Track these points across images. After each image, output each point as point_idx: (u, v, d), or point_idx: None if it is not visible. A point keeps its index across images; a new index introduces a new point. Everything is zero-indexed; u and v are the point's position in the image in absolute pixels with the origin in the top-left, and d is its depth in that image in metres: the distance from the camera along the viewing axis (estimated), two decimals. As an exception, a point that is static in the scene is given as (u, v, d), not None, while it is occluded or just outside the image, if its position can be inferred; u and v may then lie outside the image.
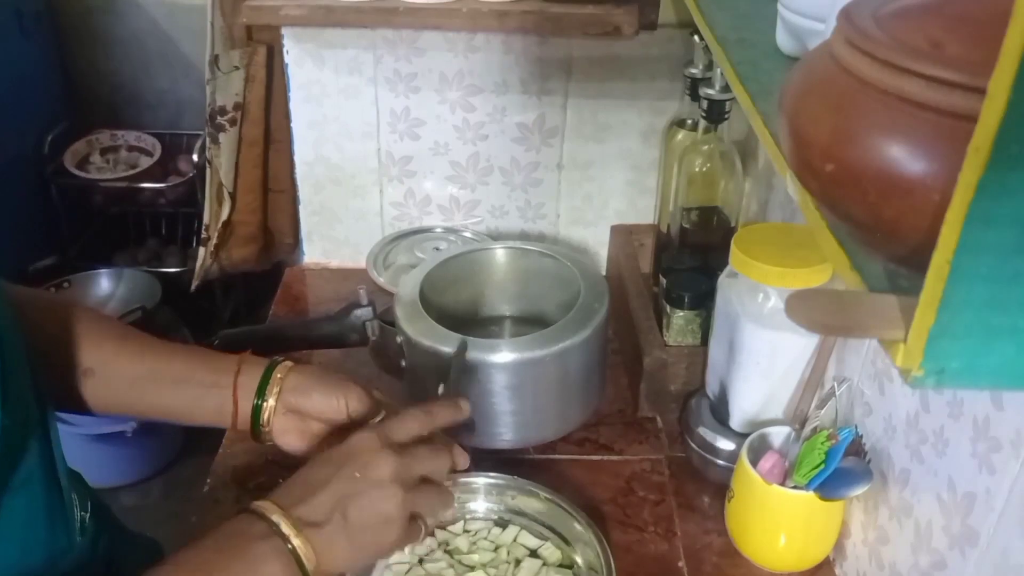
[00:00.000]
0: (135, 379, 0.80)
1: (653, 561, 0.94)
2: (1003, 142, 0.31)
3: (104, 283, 2.13)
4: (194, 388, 0.81)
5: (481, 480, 0.96)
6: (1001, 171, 0.31)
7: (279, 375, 0.81)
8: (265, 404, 0.80)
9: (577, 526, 0.90)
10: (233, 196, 1.65)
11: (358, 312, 1.06)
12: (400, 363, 1.04)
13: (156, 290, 2.07)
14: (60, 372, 0.78)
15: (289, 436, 0.82)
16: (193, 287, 1.80)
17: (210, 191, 1.64)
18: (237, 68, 1.54)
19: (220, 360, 0.82)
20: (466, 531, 0.95)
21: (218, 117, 1.58)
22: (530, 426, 1.04)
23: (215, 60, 1.53)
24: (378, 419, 0.80)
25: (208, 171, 1.63)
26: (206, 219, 1.67)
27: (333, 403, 0.80)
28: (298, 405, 0.81)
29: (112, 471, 2.05)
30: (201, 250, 1.72)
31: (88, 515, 0.76)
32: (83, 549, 0.75)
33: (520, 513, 0.95)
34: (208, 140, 1.60)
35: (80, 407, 0.79)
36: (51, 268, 2.19)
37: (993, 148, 0.31)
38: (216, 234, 1.68)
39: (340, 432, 0.80)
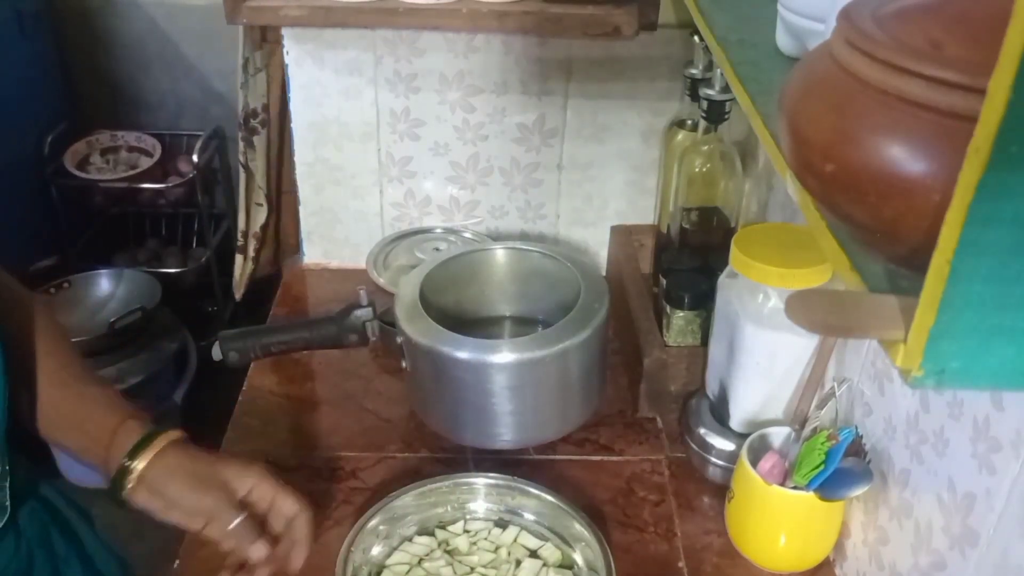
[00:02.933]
0: (44, 409, 0.80)
1: (653, 561, 0.94)
2: (1003, 142, 0.31)
3: (104, 283, 2.13)
4: (80, 437, 0.80)
5: (480, 481, 0.96)
6: (1001, 171, 0.31)
7: (155, 448, 0.78)
8: (130, 468, 0.77)
9: (577, 526, 0.90)
10: (270, 200, 1.64)
11: (358, 312, 1.06)
12: (400, 363, 1.04)
13: (156, 290, 2.07)
14: (14, 377, 0.78)
15: (158, 514, 0.79)
16: (239, 296, 1.77)
17: (245, 196, 1.63)
18: (260, 70, 1.54)
19: (111, 412, 0.80)
20: (466, 531, 0.95)
21: (251, 120, 1.57)
22: (530, 426, 1.04)
23: (246, 63, 1.52)
24: (231, 525, 0.78)
25: (243, 176, 1.61)
26: (241, 226, 1.66)
27: (189, 499, 0.78)
28: (161, 486, 0.78)
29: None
30: (239, 258, 1.69)
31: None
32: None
33: (520, 513, 0.95)
34: (243, 144, 1.58)
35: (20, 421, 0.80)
36: (51, 268, 2.18)
37: (993, 148, 0.31)
38: (256, 239, 1.66)
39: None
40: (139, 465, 0.77)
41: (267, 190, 1.63)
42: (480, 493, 0.96)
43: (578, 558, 0.91)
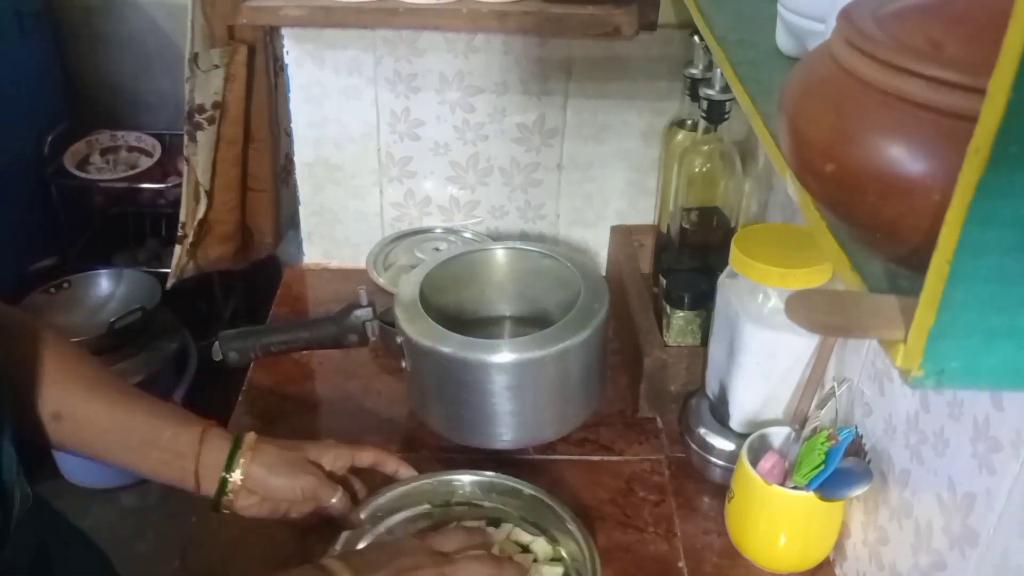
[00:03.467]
0: (103, 431, 0.81)
1: (653, 561, 0.94)
2: (1003, 142, 0.31)
3: (104, 283, 2.13)
4: (159, 453, 0.82)
5: (467, 478, 0.96)
6: (1001, 171, 0.31)
7: (247, 454, 0.84)
8: (231, 480, 0.84)
9: (560, 521, 0.90)
10: (210, 194, 1.64)
11: (358, 312, 1.06)
12: (400, 363, 1.04)
13: (156, 290, 2.07)
14: (24, 401, 0.77)
15: (251, 510, 0.86)
16: (169, 285, 1.81)
17: (187, 189, 1.64)
18: (217, 67, 1.54)
19: (185, 425, 0.84)
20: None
21: (196, 115, 1.58)
22: (530, 426, 1.04)
23: (195, 58, 1.53)
24: (335, 498, 0.87)
25: (186, 169, 1.63)
26: (183, 217, 1.67)
27: (291, 487, 0.86)
28: (260, 485, 0.85)
29: (112, 472, 2.05)
30: (177, 248, 1.71)
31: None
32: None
33: (507, 510, 0.95)
34: (186, 138, 1.60)
35: (45, 443, 0.80)
36: (51, 268, 2.19)
37: (993, 148, 0.31)
38: (192, 232, 1.67)
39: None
40: (237, 475, 0.84)
41: (208, 186, 1.63)
42: (467, 491, 0.96)
43: (563, 551, 0.91)
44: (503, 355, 0.97)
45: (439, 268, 1.10)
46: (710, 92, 1.04)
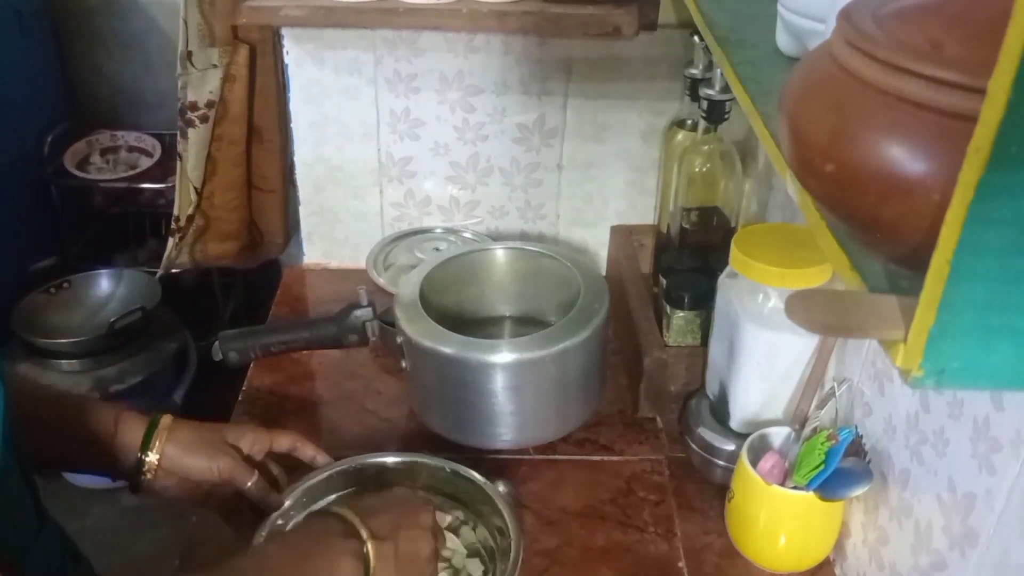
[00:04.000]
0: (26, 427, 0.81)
1: (653, 561, 0.94)
2: (1003, 142, 0.31)
3: (104, 283, 2.13)
4: (75, 439, 0.82)
5: (391, 459, 0.95)
6: (1001, 171, 0.31)
7: (163, 434, 0.84)
8: (147, 460, 0.83)
9: (484, 495, 0.91)
10: (199, 192, 1.65)
11: (358, 312, 1.06)
12: (400, 363, 1.04)
13: (156, 290, 2.07)
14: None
15: (170, 491, 0.85)
16: (157, 276, 1.81)
17: (180, 184, 1.65)
18: (215, 66, 1.54)
19: (100, 409, 0.84)
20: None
21: (188, 112, 1.58)
22: (530, 426, 1.04)
23: (188, 56, 1.54)
24: (250, 481, 0.86)
25: (178, 164, 1.63)
26: (176, 212, 1.68)
27: (207, 467, 0.85)
28: (177, 466, 0.84)
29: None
30: (170, 240, 1.72)
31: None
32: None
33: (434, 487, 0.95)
34: (178, 134, 1.60)
35: None
36: (51, 268, 2.18)
37: (993, 148, 0.31)
38: (187, 227, 1.68)
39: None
40: (153, 456, 0.83)
41: (199, 183, 1.63)
42: (392, 472, 0.95)
43: (486, 530, 0.91)
44: (503, 355, 0.97)
45: (439, 268, 1.10)
46: (710, 92, 1.04)
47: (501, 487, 0.92)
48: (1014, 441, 0.63)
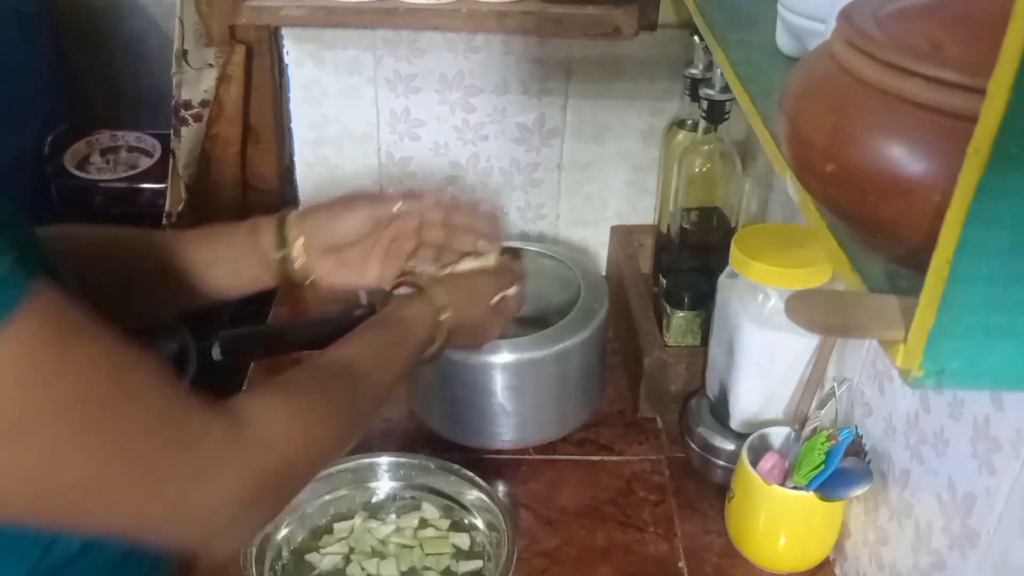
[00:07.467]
0: (175, 271, 0.79)
1: (653, 561, 0.94)
2: (1003, 142, 0.31)
3: (104, 283, 2.13)
4: (225, 264, 0.80)
5: (384, 460, 0.96)
6: (1001, 171, 0.31)
7: (295, 220, 0.81)
8: (294, 247, 0.80)
9: (473, 493, 0.91)
10: (189, 189, 1.65)
11: (358, 312, 1.06)
12: (400, 363, 1.04)
13: (156, 290, 2.07)
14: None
15: (336, 274, 0.84)
16: None
17: (171, 182, 1.65)
18: (211, 66, 1.54)
19: (233, 229, 0.82)
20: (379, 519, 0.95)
21: (182, 111, 1.59)
22: (530, 426, 1.04)
23: (184, 55, 1.54)
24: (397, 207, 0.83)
25: (172, 162, 1.64)
26: (167, 207, 1.68)
27: (354, 223, 0.83)
28: (324, 237, 0.82)
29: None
30: None
31: None
32: None
33: (424, 489, 0.96)
34: (172, 132, 1.61)
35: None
36: (51, 268, 2.18)
37: (993, 148, 0.31)
38: (173, 224, 1.69)
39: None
40: (299, 243, 0.80)
41: (189, 180, 1.64)
42: (384, 473, 0.96)
43: (479, 522, 0.92)
44: (503, 355, 0.97)
45: (439, 268, 1.10)
46: (710, 92, 1.04)
47: (500, 487, 0.92)
48: (1014, 441, 0.63)
